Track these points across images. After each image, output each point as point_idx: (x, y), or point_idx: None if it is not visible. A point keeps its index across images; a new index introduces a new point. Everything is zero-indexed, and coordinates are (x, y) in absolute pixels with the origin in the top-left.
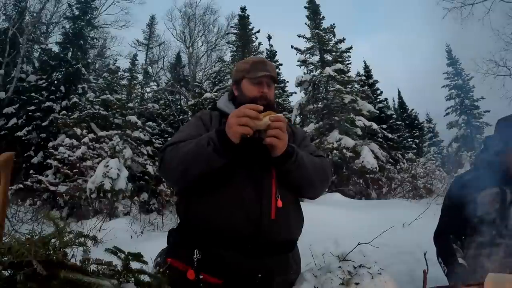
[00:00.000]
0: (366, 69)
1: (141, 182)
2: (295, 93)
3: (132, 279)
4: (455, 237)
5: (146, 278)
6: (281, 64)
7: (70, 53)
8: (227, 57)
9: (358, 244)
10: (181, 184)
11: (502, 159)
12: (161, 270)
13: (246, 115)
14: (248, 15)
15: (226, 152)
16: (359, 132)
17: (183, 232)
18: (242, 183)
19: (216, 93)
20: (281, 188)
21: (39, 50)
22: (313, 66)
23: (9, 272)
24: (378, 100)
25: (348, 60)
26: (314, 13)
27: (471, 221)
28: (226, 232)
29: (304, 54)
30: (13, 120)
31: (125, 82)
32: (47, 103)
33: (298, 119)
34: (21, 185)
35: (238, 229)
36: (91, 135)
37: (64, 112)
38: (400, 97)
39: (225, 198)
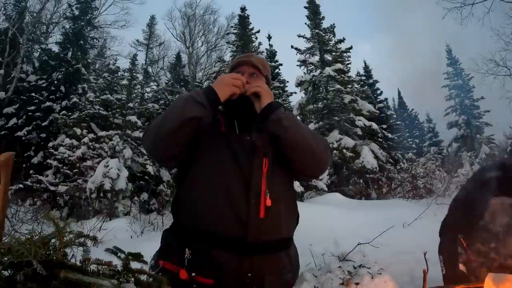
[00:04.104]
0: (366, 69)
1: (141, 182)
2: (295, 93)
3: (132, 279)
4: (462, 236)
5: (146, 278)
6: (281, 64)
7: (70, 53)
8: (227, 57)
9: (358, 244)
10: (156, 145)
11: None
12: (153, 273)
13: (239, 78)
14: (248, 15)
15: (209, 103)
16: (359, 132)
17: (176, 231)
18: (232, 182)
19: None
20: (272, 186)
21: (39, 50)
22: (313, 66)
23: (9, 272)
24: (378, 100)
25: (348, 60)
26: (314, 13)
27: (477, 223)
28: (215, 231)
29: (304, 54)
30: (13, 120)
31: (125, 82)
32: (47, 103)
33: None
34: (21, 185)
35: (227, 229)
36: (91, 135)
37: (64, 112)
38: (400, 97)
39: (215, 197)
